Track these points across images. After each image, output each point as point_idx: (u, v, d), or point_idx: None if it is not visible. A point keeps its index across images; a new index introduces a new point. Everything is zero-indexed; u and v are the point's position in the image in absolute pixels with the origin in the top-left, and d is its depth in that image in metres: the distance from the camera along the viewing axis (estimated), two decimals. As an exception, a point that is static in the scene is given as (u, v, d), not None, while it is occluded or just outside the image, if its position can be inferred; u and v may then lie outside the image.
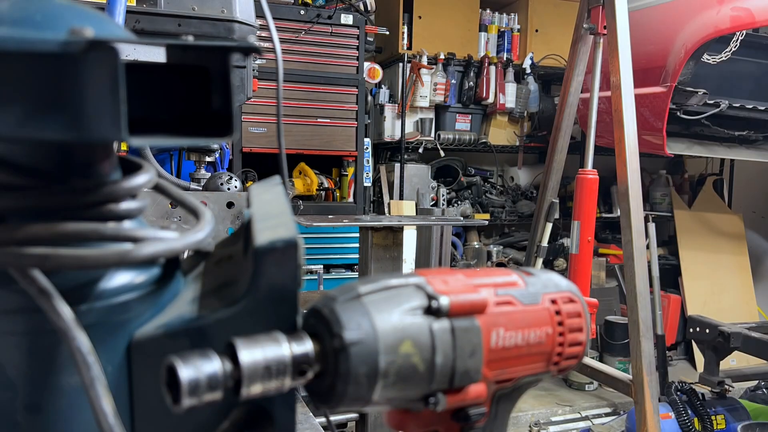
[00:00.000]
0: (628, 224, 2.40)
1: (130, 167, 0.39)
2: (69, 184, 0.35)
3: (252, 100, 2.01)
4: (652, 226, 4.18)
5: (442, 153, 4.21)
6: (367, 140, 3.72)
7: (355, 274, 3.39)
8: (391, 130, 4.03)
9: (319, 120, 3.50)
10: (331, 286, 3.05)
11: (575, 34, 2.80)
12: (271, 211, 0.40)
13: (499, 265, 4.41)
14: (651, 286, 3.39)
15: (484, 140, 4.34)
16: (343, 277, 3.48)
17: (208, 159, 1.78)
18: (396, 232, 0.89)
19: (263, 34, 2.45)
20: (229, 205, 1.32)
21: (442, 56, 4.09)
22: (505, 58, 4.31)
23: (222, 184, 1.57)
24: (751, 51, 3.31)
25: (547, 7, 4.42)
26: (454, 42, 4.16)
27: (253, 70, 1.76)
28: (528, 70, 4.34)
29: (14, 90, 0.30)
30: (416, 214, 3.88)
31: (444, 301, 0.38)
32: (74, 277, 0.34)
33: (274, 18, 0.61)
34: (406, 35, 4.06)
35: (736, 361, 4.21)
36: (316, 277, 3.37)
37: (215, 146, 1.78)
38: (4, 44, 0.29)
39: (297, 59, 3.41)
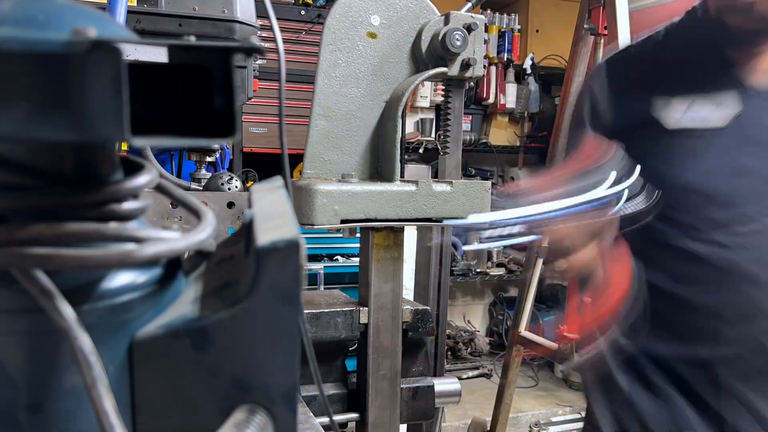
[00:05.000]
0: (629, 225, 2.39)
1: (132, 167, 0.39)
2: (71, 185, 0.35)
3: (252, 100, 2.02)
4: (652, 227, 4.18)
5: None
6: (367, 140, 3.71)
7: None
8: (392, 130, 4.03)
9: (319, 120, 3.50)
10: (333, 280, 3.05)
11: (576, 35, 2.80)
12: (273, 211, 0.40)
13: (500, 265, 4.41)
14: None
15: (484, 140, 4.34)
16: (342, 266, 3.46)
17: (208, 159, 1.78)
18: (397, 232, 0.89)
19: (264, 34, 2.45)
20: (230, 205, 1.32)
21: (442, 56, 4.08)
22: (505, 59, 4.30)
23: (223, 184, 1.57)
24: (751, 52, 3.31)
25: (548, 7, 4.42)
26: (455, 42, 4.16)
27: (254, 70, 1.76)
28: (528, 71, 4.34)
29: (17, 90, 0.29)
30: (417, 214, 3.87)
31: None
32: (76, 277, 0.34)
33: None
34: (406, 35, 4.05)
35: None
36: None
37: (216, 146, 1.78)
38: (6, 44, 0.29)
39: (297, 59, 3.41)
